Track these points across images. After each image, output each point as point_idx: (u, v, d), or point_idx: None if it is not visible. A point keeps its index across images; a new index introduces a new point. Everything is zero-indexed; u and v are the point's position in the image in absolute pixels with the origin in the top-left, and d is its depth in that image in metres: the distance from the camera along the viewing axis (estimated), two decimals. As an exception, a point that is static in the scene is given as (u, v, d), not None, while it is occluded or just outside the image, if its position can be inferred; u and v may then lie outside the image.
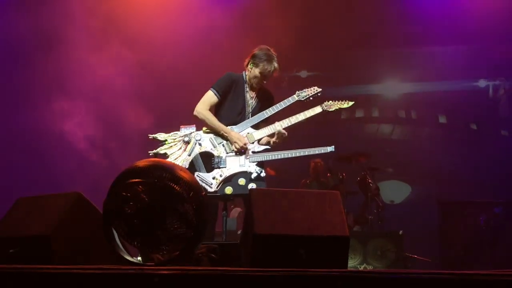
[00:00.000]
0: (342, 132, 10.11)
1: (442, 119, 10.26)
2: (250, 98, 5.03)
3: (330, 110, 4.97)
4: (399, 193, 9.39)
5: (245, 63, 5.02)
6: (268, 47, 4.96)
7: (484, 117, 9.89)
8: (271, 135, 4.93)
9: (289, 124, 4.88)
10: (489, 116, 9.82)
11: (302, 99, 5.01)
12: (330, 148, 4.79)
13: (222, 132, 4.84)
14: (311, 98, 5.04)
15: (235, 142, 4.79)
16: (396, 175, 9.42)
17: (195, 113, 4.92)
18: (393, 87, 10.36)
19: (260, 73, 4.90)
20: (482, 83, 10.05)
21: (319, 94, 5.06)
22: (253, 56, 4.94)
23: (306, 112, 4.90)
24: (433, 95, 10.07)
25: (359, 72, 9.93)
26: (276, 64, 4.89)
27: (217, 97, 4.94)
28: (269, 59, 4.88)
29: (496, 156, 8.99)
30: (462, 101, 9.88)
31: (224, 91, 4.95)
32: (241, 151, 4.79)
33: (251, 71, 4.95)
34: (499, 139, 9.42)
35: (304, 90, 5.05)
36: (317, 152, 4.82)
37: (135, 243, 3.11)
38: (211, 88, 4.96)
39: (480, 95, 9.96)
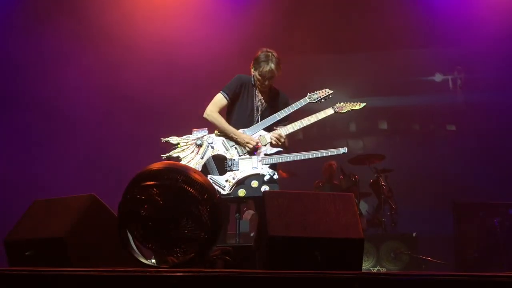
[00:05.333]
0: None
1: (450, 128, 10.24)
2: (259, 100, 5.04)
3: (342, 112, 4.96)
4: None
5: (250, 67, 5.04)
6: (268, 49, 4.95)
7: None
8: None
9: (301, 126, 4.88)
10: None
11: (314, 101, 5.00)
12: (343, 150, 4.77)
13: (231, 134, 4.85)
14: (322, 100, 5.03)
15: (247, 143, 4.80)
16: (410, 176, 9.37)
17: (204, 115, 4.94)
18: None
19: (260, 75, 4.91)
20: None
21: (330, 96, 5.06)
22: (254, 60, 4.96)
23: (318, 114, 4.90)
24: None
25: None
26: (272, 65, 4.85)
27: (226, 99, 4.96)
28: (267, 60, 4.87)
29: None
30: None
31: (233, 93, 4.97)
32: (253, 152, 4.80)
33: (254, 75, 4.97)
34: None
35: (316, 92, 5.04)
36: (329, 154, 4.80)
37: (150, 245, 3.12)
38: (221, 91, 4.98)
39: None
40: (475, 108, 9.65)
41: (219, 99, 4.97)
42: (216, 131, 4.93)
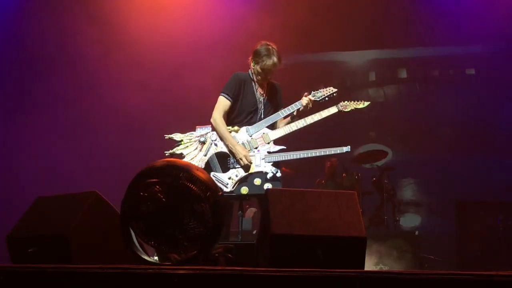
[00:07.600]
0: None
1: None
2: (261, 95, 5.04)
3: (346, 110, 4.95)
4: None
5: (249, 61, 5.03)
6: (268, 42, 4.95)
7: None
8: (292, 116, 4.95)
9: (305, 125, 4.87)
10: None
11: (318, 99, 4.99)
12: (346, 148, 4.77)
13: (229, 145, 4.82)
14: (326, 99, 5.02)
15: (240, 158, 4.77)
16: (413, 173, 9.34)
17: (211, 120, 4.93)
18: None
19: (261, 69, 4.90)
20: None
21: (334, 95, 5.05)
22: (254, 54, 4.95)
23: (321, 112, 4.89)
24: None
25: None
26: (275, 59, 4.87)
27: (229, 100, 4.93)
28: (269, 54, 4.87)
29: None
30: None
31: (234, 93, 4.95)
32: (246, 168, 4.79)
33: (254, 69, 4.97)
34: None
35: (320, 90, 5.03)
36: (333, 152, 4.80)
37: (152, 242, 3.13)
38: (222, 93, 4.96)
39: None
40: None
41: (223, 102, 4.95)
42: (219, 129, 4.93)
